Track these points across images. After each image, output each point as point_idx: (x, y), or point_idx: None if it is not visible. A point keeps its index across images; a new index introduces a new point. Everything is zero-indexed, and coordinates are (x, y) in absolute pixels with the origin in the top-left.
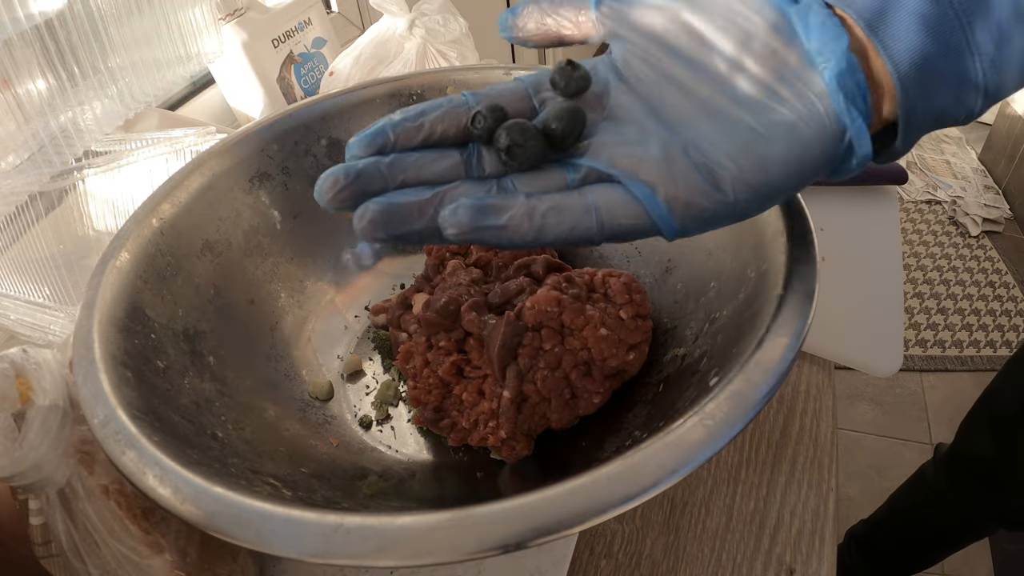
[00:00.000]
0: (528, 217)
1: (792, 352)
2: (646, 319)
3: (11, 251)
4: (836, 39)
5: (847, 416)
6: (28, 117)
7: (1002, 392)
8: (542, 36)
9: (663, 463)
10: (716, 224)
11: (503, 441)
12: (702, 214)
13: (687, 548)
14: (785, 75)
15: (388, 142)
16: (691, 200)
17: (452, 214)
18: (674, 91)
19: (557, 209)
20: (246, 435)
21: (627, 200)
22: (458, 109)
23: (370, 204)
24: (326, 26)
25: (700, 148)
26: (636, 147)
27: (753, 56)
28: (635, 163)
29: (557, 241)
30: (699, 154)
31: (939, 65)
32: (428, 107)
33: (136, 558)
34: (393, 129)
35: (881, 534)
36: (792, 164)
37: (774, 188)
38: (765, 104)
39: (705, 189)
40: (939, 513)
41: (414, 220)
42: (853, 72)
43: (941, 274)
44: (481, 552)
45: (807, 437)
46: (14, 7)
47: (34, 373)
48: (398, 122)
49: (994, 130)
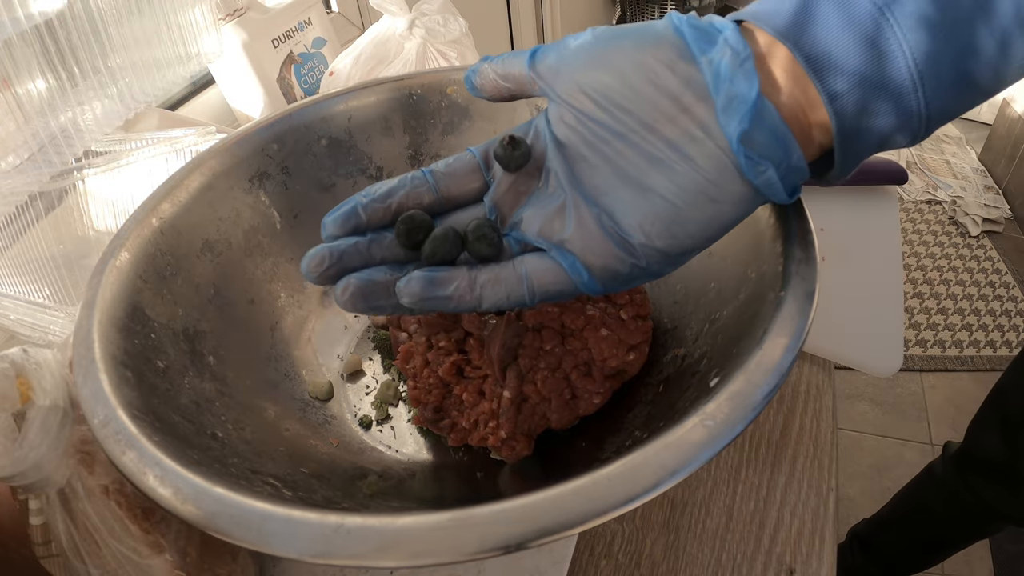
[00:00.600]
0: (470, 288)
1: (792, 352)
2: (646, 319)
3: (11, 251)
4: (744, 95)
5: (847, 416)
6: (28, 117)
7: (1011, 391)
8: (496, 93)
9: (663, 464)
10: (635, 283)
11: (503, 441)
12: (619, 276)
13: (687, 548)
14: (695, 135)
15: (360, 222)
16: (607, 265)
17: (406, 284)
18: (594, 157)
19: (494, 280)
20: (246, 435)
21: (554, 268)
22: (420, 188)
23: (351, 279)
24: (326, 26)
25: (614, 218)
26: (559, 220)
27: (665, 117)
28: (559, 235)
29: (494, 307)
30: (613, 224)
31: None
32: (393, 188)
33: (136, 558)
34: (364, 209)
35: (886, 533)
36: (702, 223)
37: (683, 250)
38: (674, 166)
39: (620, 255)
40: (948, 512)
41: (388, 295)
42: (761, 126)
43: (941, 274)
44: (482, 552)
45: (807, 437)
46: (14, 7)
47: (34, 373)
48: (367, 203)
49: (994, 130)
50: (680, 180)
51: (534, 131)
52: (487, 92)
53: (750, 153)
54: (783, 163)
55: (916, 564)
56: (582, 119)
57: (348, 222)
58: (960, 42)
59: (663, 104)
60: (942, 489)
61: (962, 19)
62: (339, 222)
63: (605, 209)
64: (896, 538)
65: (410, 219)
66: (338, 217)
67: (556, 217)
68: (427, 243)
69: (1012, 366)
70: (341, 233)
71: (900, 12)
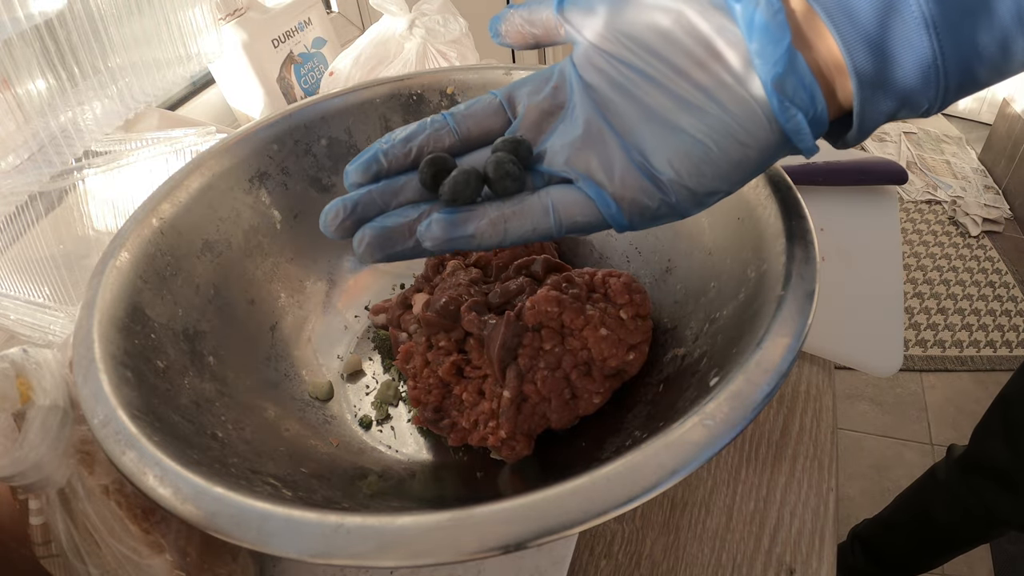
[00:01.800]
0: (493, 225)
1: (792, 352)
2: (646, 319)
3: (11, 251)
4: (777, 40)
5: (847, 416)
6: (28, 117)
7: (1016, 398)
8: (521, 39)
9: (663, 463)
10: (661, 220)
11: (503, 441)
12: (646, 212)
13: (687, 548)
14: (725, 80)
15: (382, 168)
16: (636, 199)
17: (427, 228)
18: (623, 99)
19: (519, 214)
20: (246, 435)
21: (581, 198)
22: (441, 131)
23: (366, 229)
24: (326, 26)
25: (644, 153)
26: (588, 151)
27: (695, 63)
28: (587, 165)
29: (520, 241)
30: (643, 159)
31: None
32: (413, 132)
33: (136, 558)
34: (385, 155)
35: (888, 535)
36: (730, 165)
37: (710, 190)
38: (705, 109)
39: (649, 190)
40: (950, 516)
41: (405, 239)
42: (793, 72)
43: (941, 274)
44: (482, 552)
45: (807, 437)
46: (14, 7)
47: (34, 373)
48: (388, 148)
49: (994, 130)
50: (710, 122)
51: (559, 74)
52: (511, 38)
53: (782, 98)
54: (810, 111)
55: (917, 566)
56: (612, 62)
57: (369, 169)
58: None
59: (695, 50)
60: (945, 493)
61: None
62: (360, 170)
63: (635, 145)
64: (898, 540)
65: (434, 161)
66: (360, 165)
67: (584, 148)
68: (445, 185)
69: (1018, 371)
70: (363, 180)
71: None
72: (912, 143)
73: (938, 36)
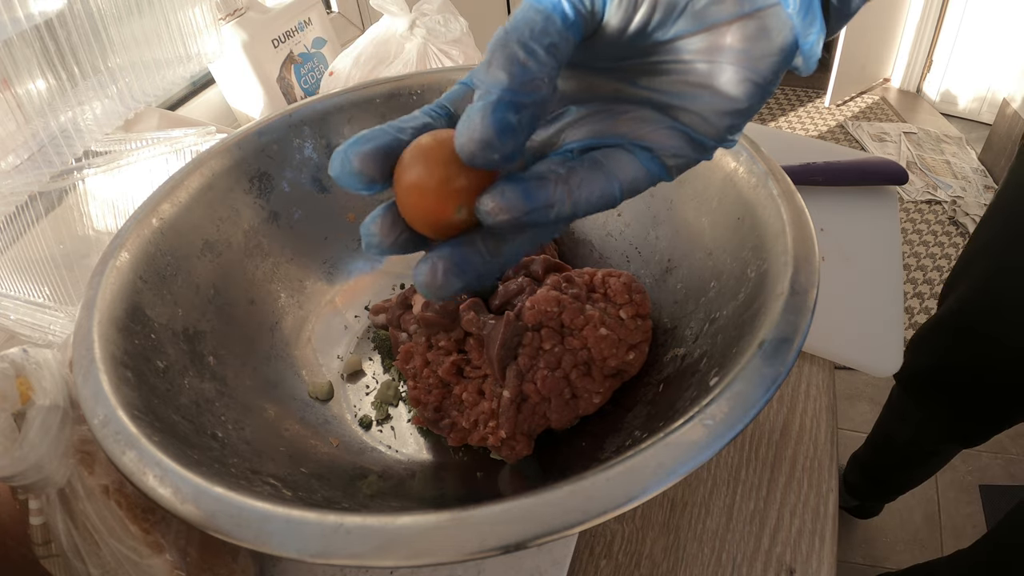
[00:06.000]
0: (568, 192)
1: (792, 352)
2: (646, 319)
3: (11, 251)
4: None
5: (847, 416)
6: (28, 117)
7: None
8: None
9: (663, 463)
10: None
11: (503, 441)
12: (687, 163)
13: (687, 548)
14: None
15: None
16: (678, 154)
17: (501, 198)
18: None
19: (587, 180)
20: (246, 435)
21: (632, 161)
22: (441, 120)
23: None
24: (326, 26)
25: (678, 114)
26: (626, 116)
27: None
28: (633, 129)
29: (588, 211)
30: (683, 115)
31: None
32: (420, 120)
33: (136, 558)
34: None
35: (868, 455)
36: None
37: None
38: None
39: (685, 146)
40: (904, 434)
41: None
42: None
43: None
44: (482, 552)
45: (807, 437)
46: (14, 7)
47: (34, 373)
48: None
49: (994, 130)
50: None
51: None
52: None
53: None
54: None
55: (898, 484)
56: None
57: (389, 159)
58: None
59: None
60: (896, 412)
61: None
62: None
63: (666, 105)
64: (875, 460)
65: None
66: (368, 154)
67: (621, 114)
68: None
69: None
70: (374, 173)
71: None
72: (912, 143)
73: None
